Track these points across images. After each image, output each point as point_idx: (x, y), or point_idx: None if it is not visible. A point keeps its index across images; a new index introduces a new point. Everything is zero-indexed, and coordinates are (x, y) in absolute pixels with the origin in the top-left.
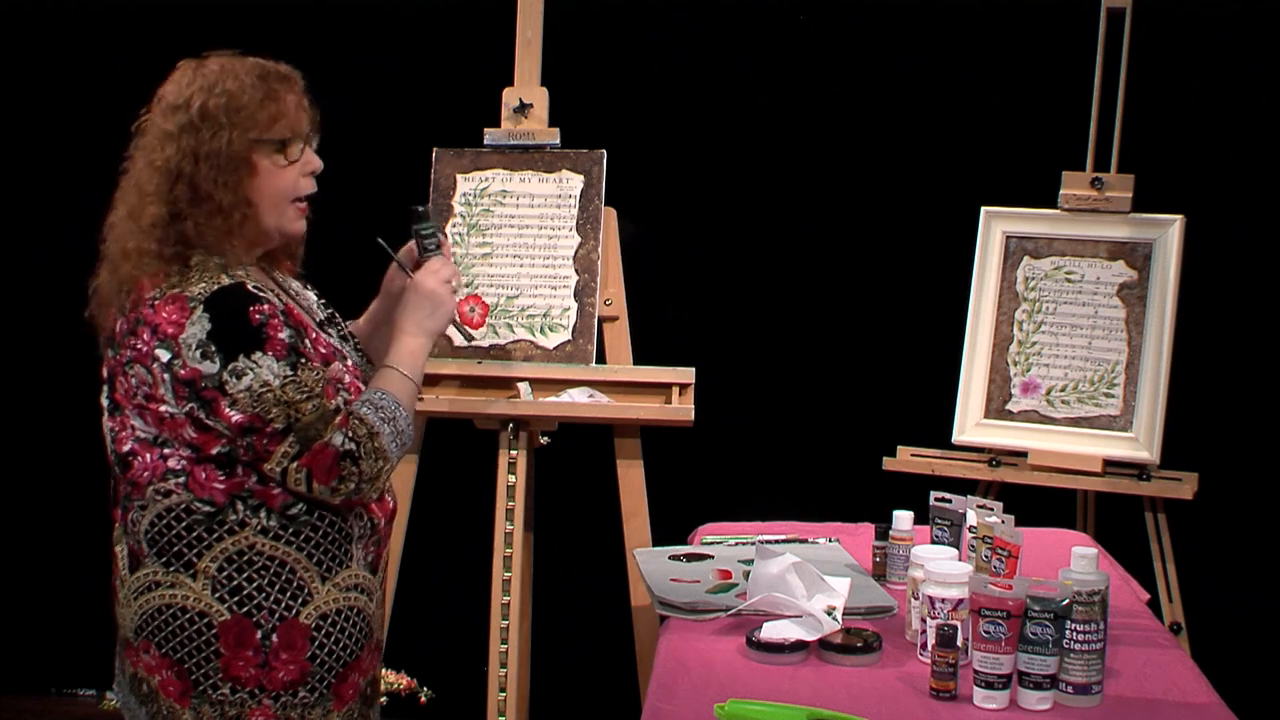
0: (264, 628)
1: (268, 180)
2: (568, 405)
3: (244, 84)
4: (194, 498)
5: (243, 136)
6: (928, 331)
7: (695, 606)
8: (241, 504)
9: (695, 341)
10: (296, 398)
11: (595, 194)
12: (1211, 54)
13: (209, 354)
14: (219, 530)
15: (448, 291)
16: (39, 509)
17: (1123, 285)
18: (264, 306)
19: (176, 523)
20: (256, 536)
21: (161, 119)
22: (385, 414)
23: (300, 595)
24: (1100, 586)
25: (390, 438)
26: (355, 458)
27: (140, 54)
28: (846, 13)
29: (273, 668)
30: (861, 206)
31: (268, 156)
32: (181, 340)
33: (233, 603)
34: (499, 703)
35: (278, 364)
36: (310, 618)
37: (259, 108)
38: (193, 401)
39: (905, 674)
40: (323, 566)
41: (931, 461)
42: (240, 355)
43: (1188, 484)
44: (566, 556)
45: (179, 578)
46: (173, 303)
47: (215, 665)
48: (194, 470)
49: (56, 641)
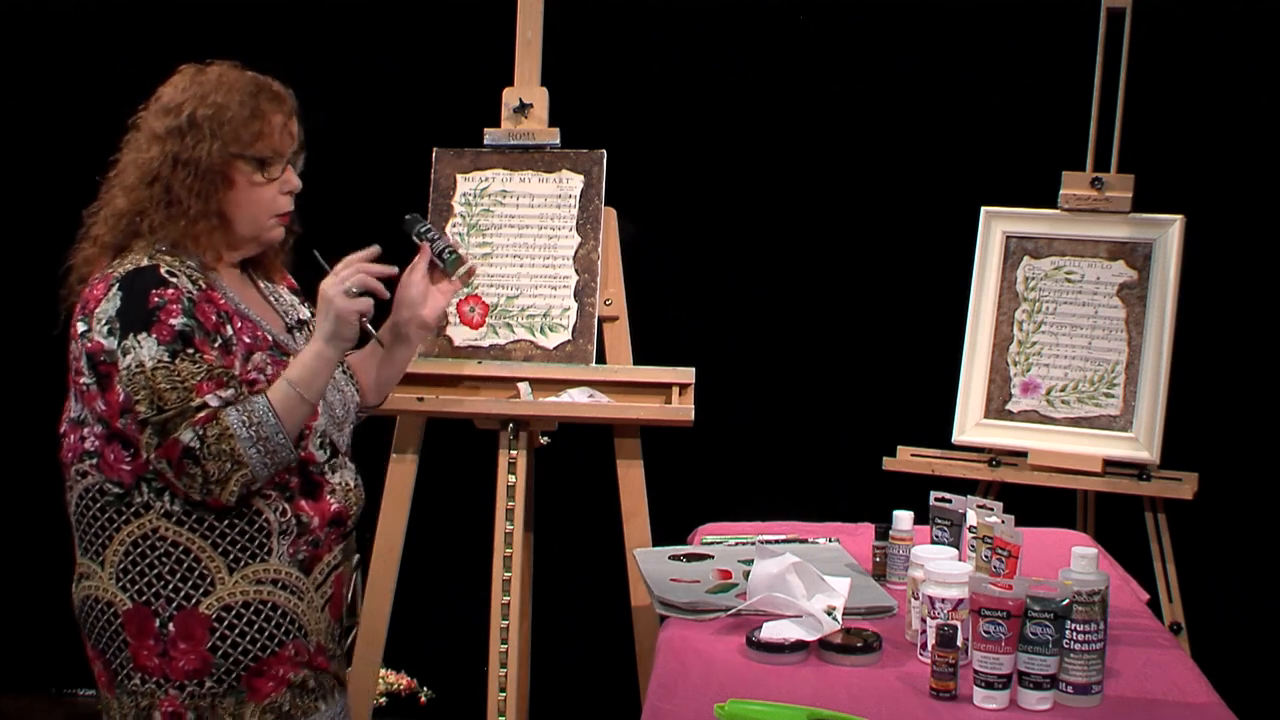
0: (161, 616)
1: (245, 194)
2: (568, 405)
3: (234, 99)
4: (105, 479)
5: (223, 149)
6: (928, 331)
7: (695, 606)
8: (146, 486)
9: (695, 341)
10: (162, 386)
11: (595, 194)
12: (1211, 54)
13: (113, 330)
14: (126, 513)
15: (337, 291)
16: (39, 509)
17: (1123, 285)
18: (167, 291)
19: (92, 503)
20: (160, 520)
21: (154, 119)
22: (251, 419)
23: (202, 585)
24: (1100, 586)
25: (249, 443)
26: (199, 457)
27: (139, 54)
28: (846, 13)
29: (172, 657)
30: (861, 206)
31: (246, 171)
32: (95, 314)
33: (133, 591)
34: (499, 703)
35: (157, 347)
36: (212, 608)
37: (244, 124)
38: (93, 375)
39: (905, 674)
40: (230, 557)
41: (931, 461)
42: (130, 334)
43: (1188, 484)
44: (566, 556)
45: (92, 566)
46: (102, 281)
47: (126, 655)
48: (105, 450)
49: (56, 641)
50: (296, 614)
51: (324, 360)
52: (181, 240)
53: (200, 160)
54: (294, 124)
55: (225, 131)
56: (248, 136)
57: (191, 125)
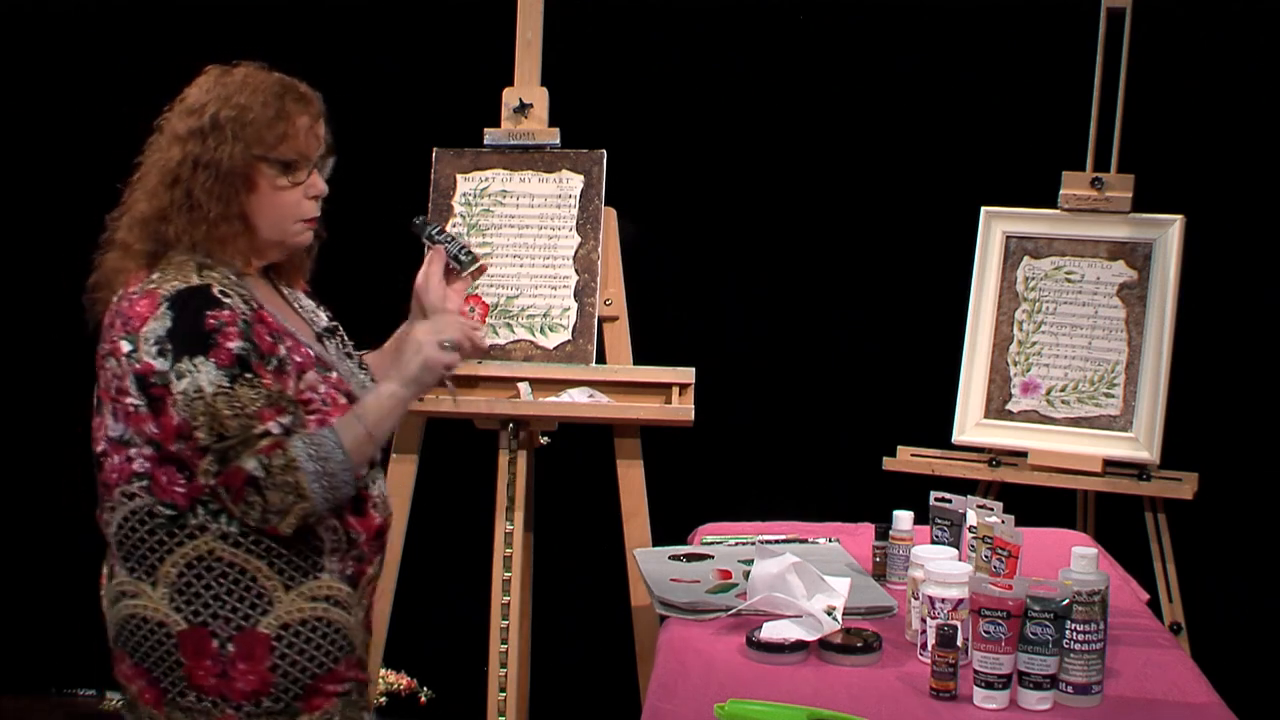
0: (220, 637)
1: (268, 198)
2: (568, 405)
3: (258, 100)
4: (156, 500)
5: (246, 152)
6: (928, 331)
7: (695, 606)
8: (202, 508)
9: (695, 341)
10: (224, 412)
11: (595, 194)
12: (1211, 54)
13: (164, 351)
14: (179, 535)
15: (432, 341)
16: (39, 508)
17: (1123, 285)
18: (223, 313)
19: (140, 525)
20: (216, 542)
21: (177, 120)
22: (319, 452)
23: (259, 604)
24: (1100, 586)
25: (314, 477)
26: (261, 487)
27: (140, 54)
28: (846, 13)
29: (231, 677)
30: (861, 207)
31: (270, 175)
32: (142, 334)
33: (189, 612)
34: (499, 703)
35: (216, 372)
36: (271, 627)
37: (267, 126)
38: (143, 397)
39: (905, 674)
40: (285, 575)
41: (931, 461)
42: (185, 356)
43: (1188, 484)
44: (566, 556)
45: (141, 586)
46: (147, 297)
47: (180, 674)
48: (156, 473)
49: (56, 641)
50: (347, 629)
51: (398, 401)
52: (205, 244)
53: (221, 162)
54: (321, 127)
55: (248, 133)
56: (271, 139)
57: (214, 126)
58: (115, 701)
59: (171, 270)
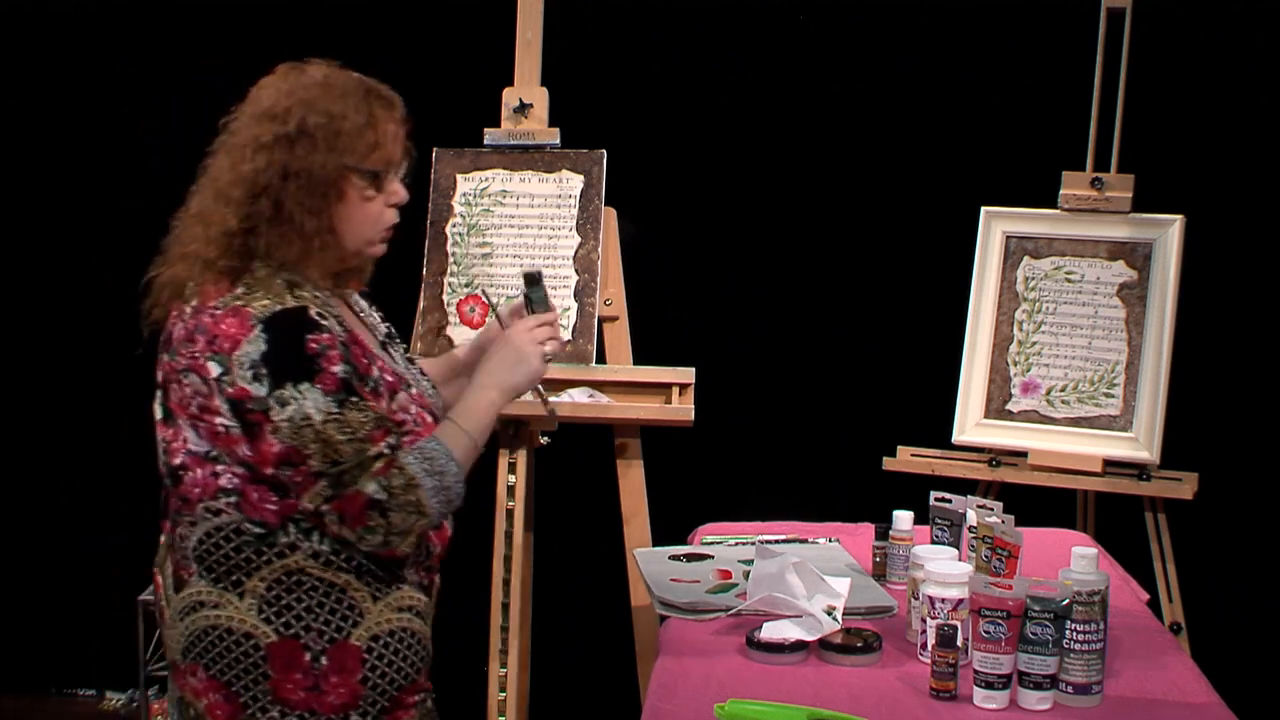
0: (313, 650)
1: (354, 209)
2: (568, 405)
3: (348, 105)
4: (245, 518)
5: (337, 161)
6: (928, 331)
7: (695, 606)
8: (294, 526)
9: (695, 341)
10: (337, 437)
11: (595, 194)
12: (1211, 54)
13: (260, 376)
14: (268, 553)
15: (537, 352)
16: (39, 509)
17: (1123, 285)
18: (323, 336)
19: (225, 542)
20: (307, 560)
21: (254, 124)
22: (433, 466)
23: (351, 616)
24: (1100, 586)
25: (433, 493)
26: (385, 509)
27: (139, 54)
28: (846, 13)
29: (323, 691)
30: (862, 206)
31: (360, 185)
32: (235, 357)
33: (279, 624)
34: (499, 703)
35: (324, 398)
36: (362, 639)
37: (358, 134)
38: (237, 421)
39: (905, 674)
40: (372, 587)
41: (931, 461)
42: (288, 383)
43: (1188, 484)
44: (566, 556)
45: (226, 597)
46: (234, 316)
47: (264, 688)
48: (246, 490)
49: (56, 641)
50: (424, 638)
51: (496, 409)
52: (297, 261)
53: (312, 172)
54: (403, 131)
55: (340, 143)
56: (363, 148)
57: (301, 133)
58: (115, 701)
59: (259, 288)
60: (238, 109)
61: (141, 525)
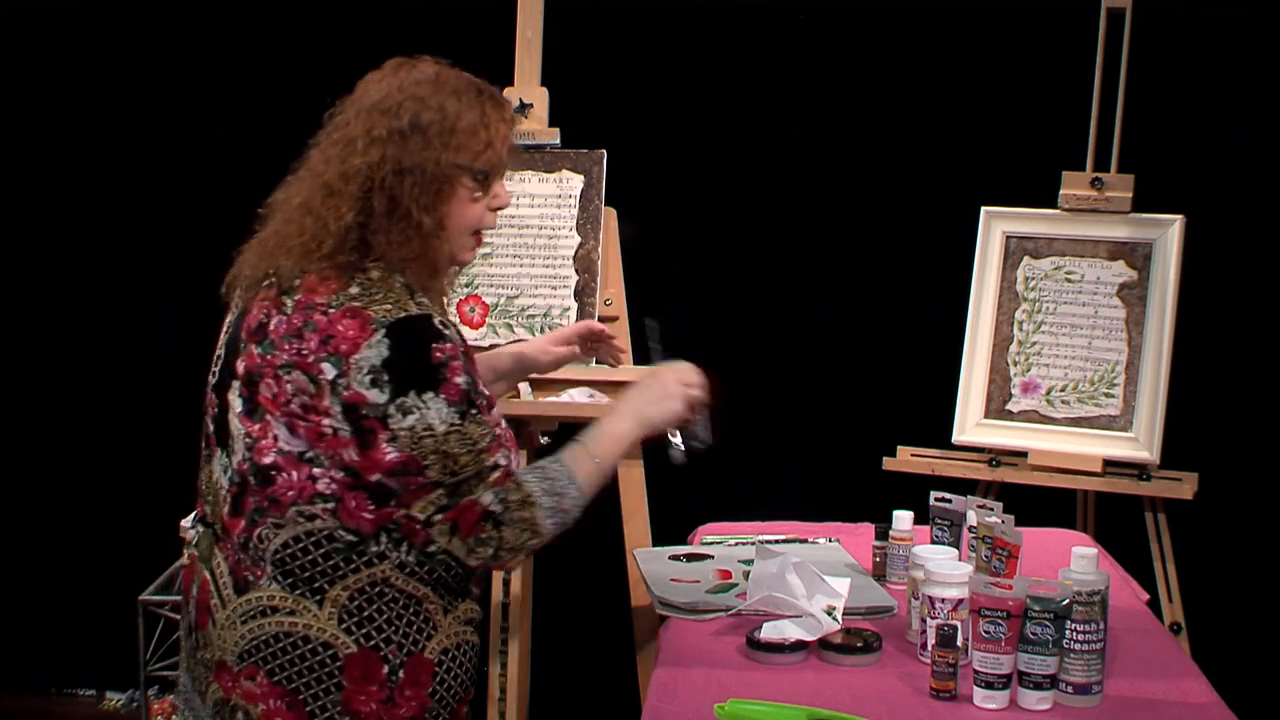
0: (392, 662)
1: (460, 208)
2: (568, 405)
3: (461, 104)
4: (339, 525)
5: (449, 159)
6: (928, 331)
7: (695, 606)
8: (385, 536)
9: (695, 341)
10: (457, 450)
11: (595, 194)
12: (1211, 54)
13: (380, 382)
14: (357, 561)
15: (683, 394)
16: (39, 508)
17: (1123, 285)
18: (446, 345)
19: (314, 548)
20: (393, 570)
21: (365, 118)
22: (553, 487)
23: (426, 629)
24: (1100, 586)
25: (550, 513)
26: (499, 521)
27: (139, 53)
28: (847, 13)
29: (397, 703)
30: (862, 207)
31: (469, 186)
32: (354, 361)
33: (359, 635)
34: (499, 703)
35: (447, 409)
36: (434, 652)
37: (472, 133)
38: (348, 425)
39: (905, 674)
40: (445, 599)
41: (931, 461)
42: (411, 391)
43: (1188, 484)
44: (566, 556)
45: (303, 604)
46: (352, 317)
47: (336, 698)
48: (345, 497)
49: (56, 641)
50: (477, 650)
51: (627, 441)
52: (413, 261)
53: (426, 168)
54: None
55: (454, 141)
56: (475, 147)
57: (414, 129)
58: (115, 702)
59: (377, 290)
60: (342, 102)
61: (142, 524)
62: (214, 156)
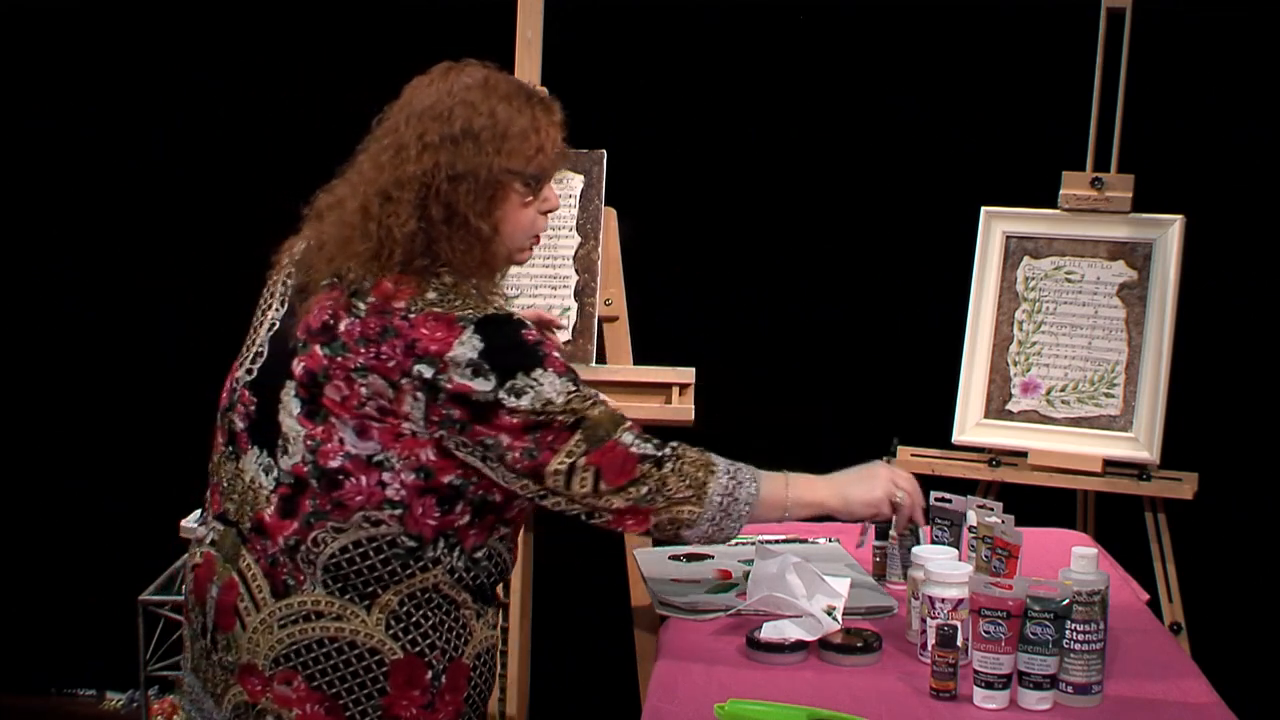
0: (435, 668)
1: (512, 213)
2: None
3: (512, 109)
4: (404, 531)
5: (501, 164)
6: (928, 331)
7: (695, 606)
8: (443, 541)
9: (695, 341)
10: (581, 407)
11: (595, 194)
12: (1211, 54)
13: (482, 371)
14: (413, 566)
15: (890, 492)
16: (39, 508)
17: (1123, 285)
18: (534, 331)
19: (374, 554)
20: (443, 576)
21: (416, 123)
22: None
23: (464, 634)
24: (1100, 586)
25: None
26: (660, 462)
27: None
28: (847, 12)
29: (436, 709)
30: (862, 206)
31: (520, 191)
32: (448, 358)
33: (406, 641)
34: (499, 703)
35: (559, 379)
36: (470, 657)
37: (523, 138)
38: (464, 408)
39: (905, 674)
40: (478, 604)
41: (931, 461)
42: (519, 373)
43: (1188, 484)
44: (566, 556)
45: (350, 609)
46: (437, 321)
47: (377, 704)
48: (413, 503)
49: (56, 641)
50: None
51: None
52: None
53: (478, 174)
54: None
55: (506, 146)
56: (527, 152)
57: (466, 134)
58: (115, 702)
59: (454, 295)
60: (389, 107)
61: (142, 524)
62: (214, 157)
